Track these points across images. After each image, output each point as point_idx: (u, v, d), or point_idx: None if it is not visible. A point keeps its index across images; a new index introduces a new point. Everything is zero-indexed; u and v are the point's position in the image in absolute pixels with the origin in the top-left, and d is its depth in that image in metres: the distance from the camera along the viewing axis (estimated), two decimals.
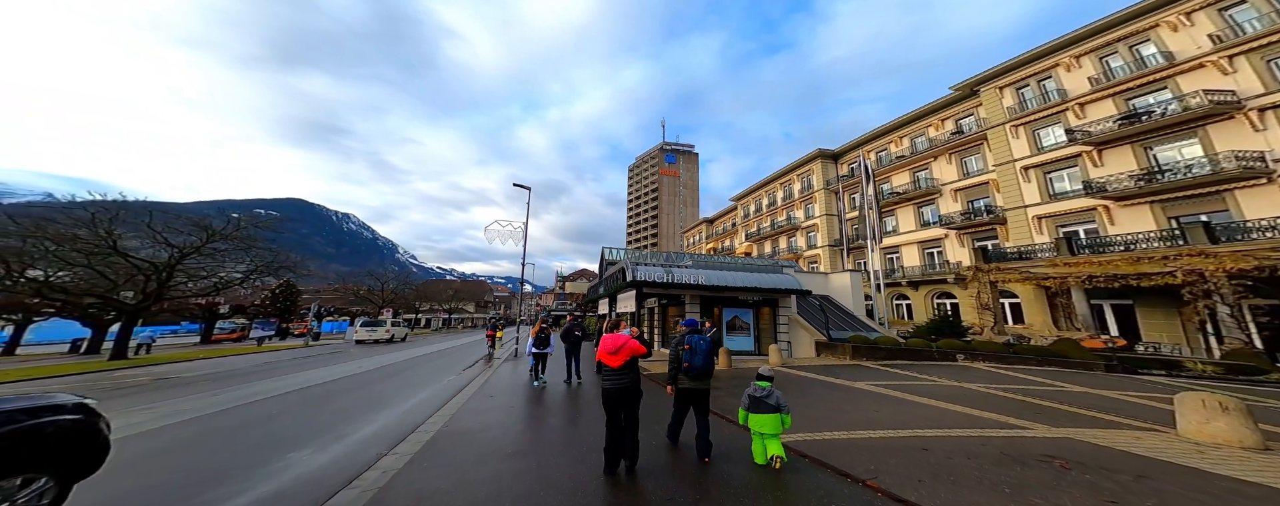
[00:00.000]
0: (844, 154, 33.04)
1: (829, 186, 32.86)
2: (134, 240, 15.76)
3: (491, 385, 8.34)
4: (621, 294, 17.38)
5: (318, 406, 6.73)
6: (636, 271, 13.39)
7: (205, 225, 16.70)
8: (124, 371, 11.64)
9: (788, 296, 14.70)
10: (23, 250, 13.98)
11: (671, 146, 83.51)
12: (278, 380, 9.45)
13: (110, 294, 15.16)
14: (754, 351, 14.36)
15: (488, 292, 74.10)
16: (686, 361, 3.79)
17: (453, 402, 6.66)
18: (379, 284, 43.69)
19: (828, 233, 31.88)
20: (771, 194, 40.48)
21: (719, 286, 13.48)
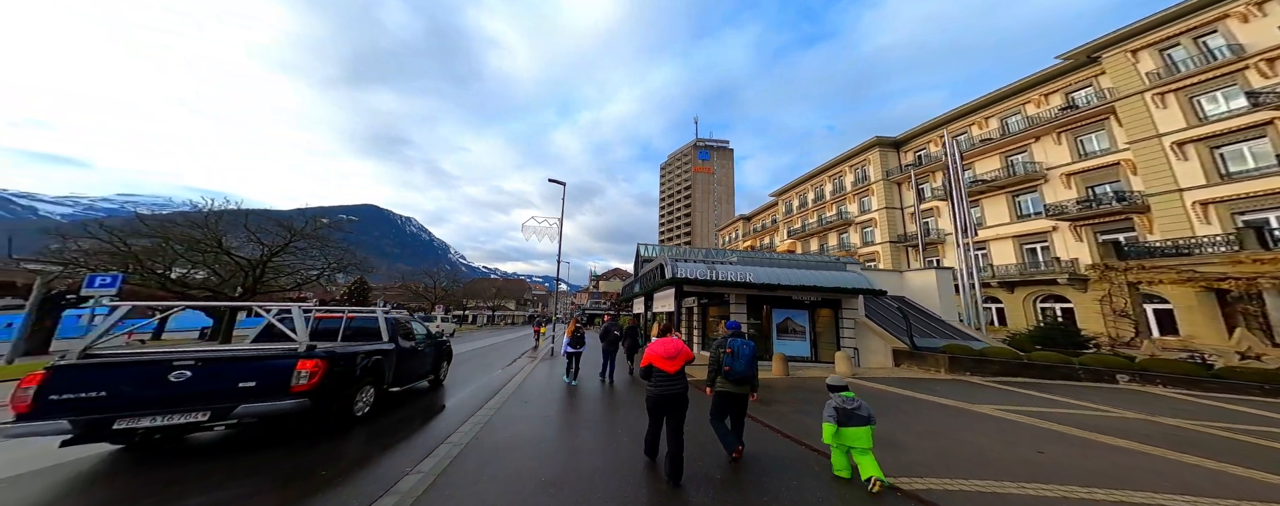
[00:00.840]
0: (907, 141, 29.11)
1: (889, 177, 29.10)
2: (237, 241, 17.83)
3: (527, 388, 7.81)
4: (659, 292, 15.61)
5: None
6: (676, 268, 11.96)
7: (288, 226, 18.35)
8: None
9: (853, 297, 12.56)
10: (157, 250, 16.06)
11: (705, 143, 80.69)
12: None
13: (221, 289, 16.96)
14: (810, 358, 12.41)
15: (527, 291, 76.25)
16: (728, 365, 3.68)
17: (489, 405, 6.14)
18: (433, 282, 46.05)
19: (888, 227, 28.17)
20: (818, 188, 36.94)
21: (771, 284, 11.77)
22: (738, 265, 12.89)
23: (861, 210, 31.12)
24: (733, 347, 3.71)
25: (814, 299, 12.55)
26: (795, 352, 12.23)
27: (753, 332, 12.92)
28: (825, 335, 12.70)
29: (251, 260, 16.82)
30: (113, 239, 14.74)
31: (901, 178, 28.32)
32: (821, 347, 12.57)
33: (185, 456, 3.94)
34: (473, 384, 8.33)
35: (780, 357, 10.15)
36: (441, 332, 26.77)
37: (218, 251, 16.24)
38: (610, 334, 8.65)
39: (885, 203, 28.68)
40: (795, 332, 13.04)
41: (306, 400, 3.96)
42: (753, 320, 13.12)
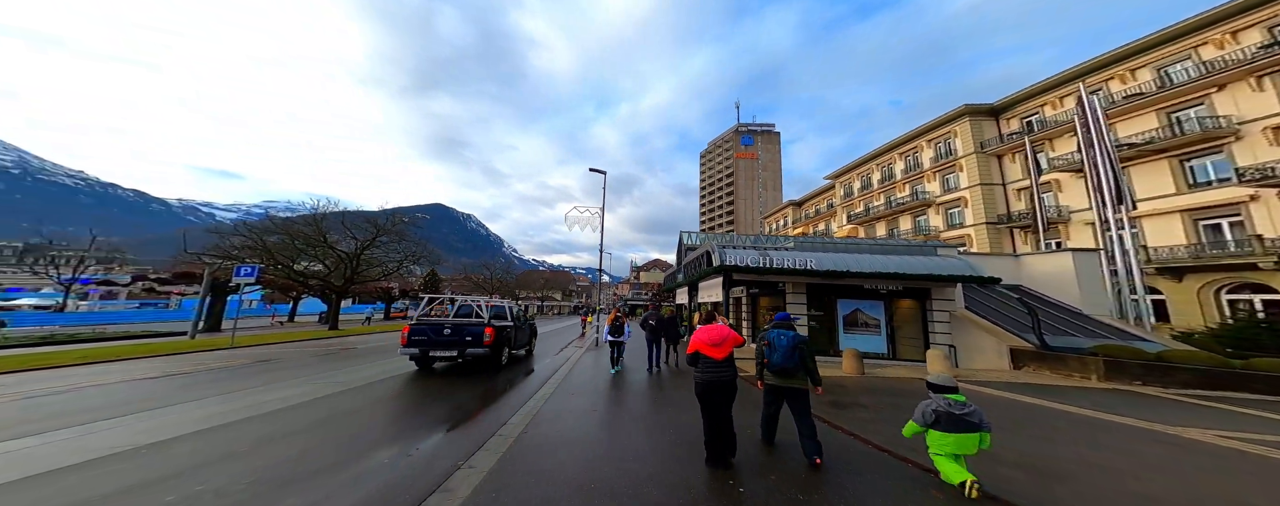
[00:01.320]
0: (1008, 108, 23.83)
1: (984, 149, 24.14)
2: (337, 237, 20.49)
3: (574, 379, 7.51)
4: (705, 281, 13.87)
5: (423, 392, 6.55)
6: (724, 255, 10.76)
7: (374, 222, 20.77)
8: (327, 341, 14.48)
9: (947, 286, 10.31)
10: (284, 246, 18.86)
11: (747, 128, 75.39)
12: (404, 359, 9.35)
13: (330, 279, 19.64)
14: (888, 355, 10.56)
15: (571, 282, 79.51)
16: (766, 357, 3.61)
17: (539, 395, 6.15)
18: (490, 273, 49.68)
19: (984, 207, 23.50)
20: (885, 167, 32.19)
21: (837, 272, 10.01)
22: (795, 251, 11.13)
23: (945, 189, 26.39)
24: (770, 339, 3.62)
25: (892, 288, 10.54)
26: (868, 348, 10.42)
27: (814, 325, 10.88)
28: (906, 329, 10.62)
29: (349, 253, 19.32)
30: (253, 236, 17.73)
31: (1002, 149, 23.30)
32: (901, 343, 10.56)
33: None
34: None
35: (852, 354, 8.46)
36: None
37: (324, 246, 18.92)
38: (648, 323, 8.69)
39: (980, 178, 23.88)
40: (867, 326, 11.07)
41: (489, 349, 7.65)
42: (814, 311, 11.07)
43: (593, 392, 6.32)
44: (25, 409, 4.84)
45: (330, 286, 19.20)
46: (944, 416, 2.73)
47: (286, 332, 16.45)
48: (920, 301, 10.20)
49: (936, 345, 9.49)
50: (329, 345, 12.66)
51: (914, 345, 10.25)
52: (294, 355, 10.15)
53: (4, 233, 62.52)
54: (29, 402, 5.13)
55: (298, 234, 18.82)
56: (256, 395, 5.74)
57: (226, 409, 4.95)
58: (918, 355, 10.04)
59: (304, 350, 11.23)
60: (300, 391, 6.04)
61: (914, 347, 10.21)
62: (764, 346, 3.60)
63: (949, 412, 2.72)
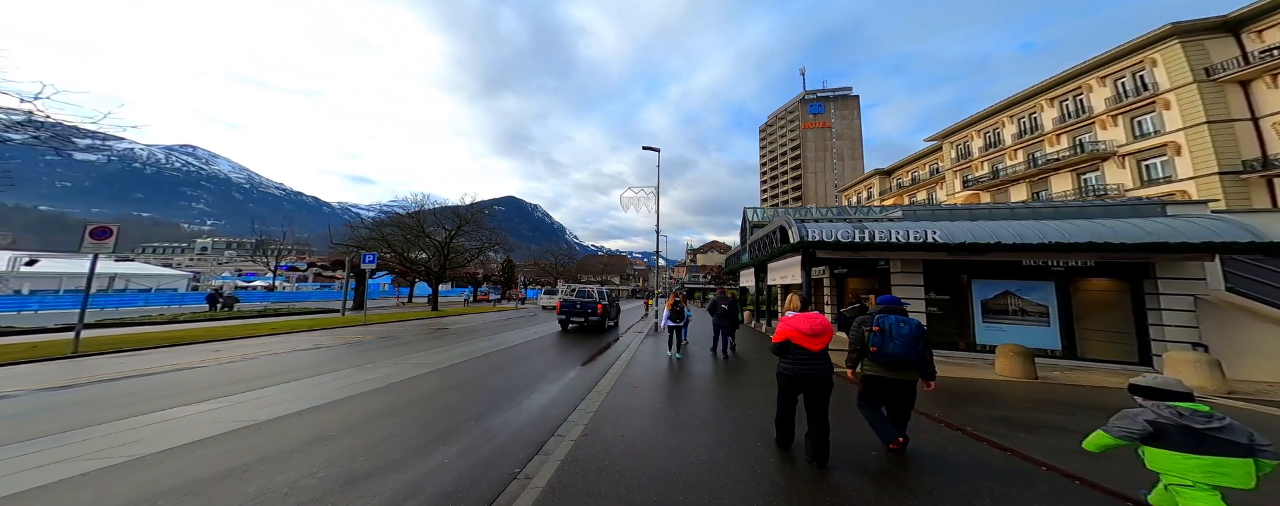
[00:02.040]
0: (1254, 19, 15.83)
1: (1212, 77, 16.59)
2: (432, 227, 23.08)
3: (634, 370, 6.96)
4: (776, 262, 11.95)
5: (496, 372, 6.85)
6: (804, 231, 8.67)
7: (458, 214, 22.93)
8: (431, 320, 16.06)
9: (1186, 260, 6.85)
10: (396, 237, 21.76)
11: (815, 95, 65.23)
12: (489, 339, 10.71)
13: (430, 265, 22.43)
14: (1061, 351, 7.68)
15: (629, 266, 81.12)
16: (875, 345, 3.09)
17: (599, 387, 5.64)
18: (554, 259, 52.53)
19: (1218, 152, 16.47)
20: (1025, 118, 24.72)
21: (983, 245, 7.15)
22: (905, 221, 8.38)
23: (1138, 134, 19.06)
24: (883, 326, 3.10)
25: (1074, 264, 7.44)
26: (1026, 341, 7.59)
27: (935, 311, 8.51)
28: (1096, 319, 7.56)
29: (441, 242, 21.64)
30: (374, 229, 20.97)
31: (1248, 72, 15.63)
32: (1086, 337, 7.59)
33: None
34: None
35: (1016, 351, 6.01)
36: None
37: (423, 236, 21.35)
38: (719, 307, 8.42)
39: (1205, 115, 16.54)
40: (1024, 315, 8.22)
41: (600, 317, 12.51)
42: (934, 295, 8.55)
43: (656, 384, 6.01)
44: (222, 372, 6.07)
45: (430, 271, 21.85)
46: (1174, 429, 1.77)
47: (403, 312, 19.22)
48: (1130, 281, 7.03)
49: (1173, 348, 6.34)
50: (434, 324, 14.19)
51: (1113, 341, 7.19)
52: (409, 333, 11.59)
53: (242, 232, 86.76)
54: (225, 367, 6.45)
55: (404, 226, 21.53)
56: (386, 368, 6.64)
57: (361, 379, 5.81)
58: (1118, 354, 7.06)
59: (415, 328, 12.79)
60: (443, 356, 7.82)
61: (1112, 344, 7.18)
62: (872, 333, 3.11)
63: (1181, 424, 1.76)
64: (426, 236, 21.28)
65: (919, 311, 8.63)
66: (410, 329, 12.71)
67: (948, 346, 8.50)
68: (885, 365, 3.11)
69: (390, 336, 10.70)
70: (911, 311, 8.78)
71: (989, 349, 8.32)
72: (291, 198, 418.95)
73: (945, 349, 8.46)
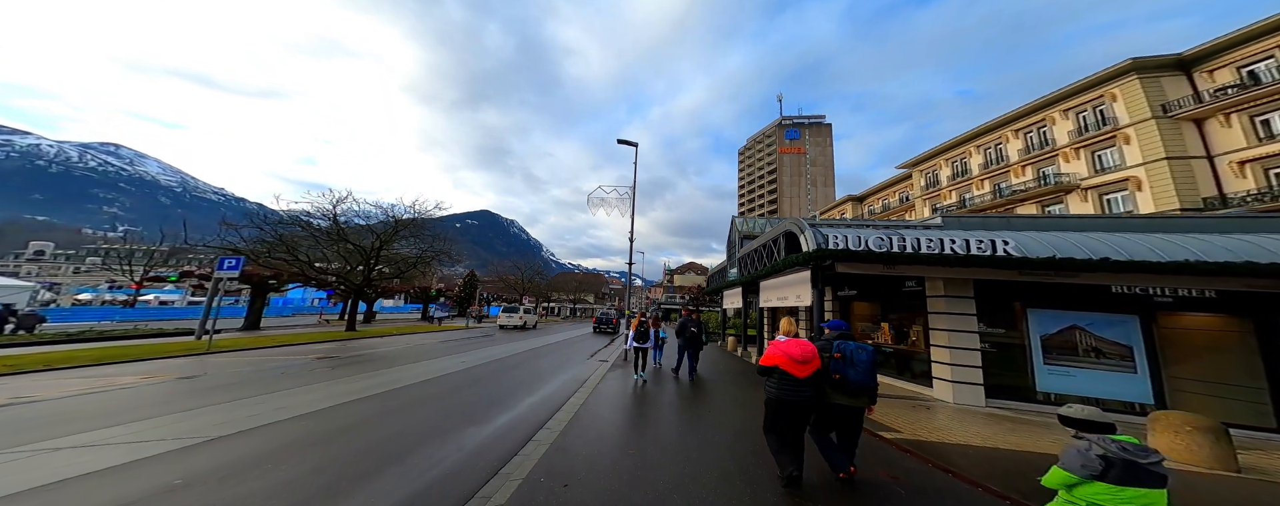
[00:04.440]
0: (1206, 58, 16.90)
1: (1168, 114, 17.24)
2: (357, 233, 19.11)
3: (593, 405, 5.75)
4: (774, 278, 9.80)
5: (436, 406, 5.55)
6: (820, 237, 6.78)
7: (395, 217, 18.97)
8: (333, 345, 12.45)
9: None
10: (303, 240, 17.46)
11: (792, 121, 68.54)
12: (386, 375, 8.20)
13: (348, 277, 18.20)
14: (1155, 404, 5.68)
15: (604, 285, 77.51)
16: (838, 371, 3.07)
17: (550, 426, 4.68)
18: (522, 274, 47.65)
19: (1178, 188, 16.69)
20: (990, 149, 25.49)
21: (1087, 262, 5.54)
22: (949, 230, 6.62)
23: (1098, 168, 19.51)
24: (844, 352, 3.12)
25: (1168, 293, 5.70)
26: (1107, 391, 5.93)
27: (989, 348, 6.50)
28: (1197, 366, 5.72)
29: (364, 248, 17.60)
30: (266, 227, 15.83)
31: (1202, 110, 16.33)
32: (1178, 389, 5.73)
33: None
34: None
35: (1193, 426, 3.87)
36: (525, 323, 25.21)
37: (341, 240, 17.21)
38: (687, 329, 8.46)
39: (1164, 151, 16.98)
40: (1101, 356, 6.28)
41: (614, 327, 23.16)
42: (988, 328, 6.56)
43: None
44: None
45: (350, 284, 17.71)
46: (1119, 462, 1.80)
47: (301, 333, 14.91)
48: (1255, 317, 5.26)
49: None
50: (330, 350, 10.64)
51: (1226, 398, 5.34)
52: (269, 365, 8.06)
53: (169, 239, 74.94)
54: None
55: (311, 228, 17.13)
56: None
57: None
58: (1236, 414, 5.16)
59: (291, 357, 9.18)
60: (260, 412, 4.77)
61: (1225, 402, 5.31)
62: (833, 360, 3.08)
63: (1125, 458, 1.80)
64: (346, 242, 17.24)
65: (970, 348, 6.51)
66: (283, 358, 9.13)
67: (1002, 394, 6.41)
68: (846, 392, 3.08)
69: (219, 373, 7.15)
70: (963, 348, 6.50)
71: (1052, 399, 6.31)
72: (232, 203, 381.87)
73: (999, 398, 6.37)
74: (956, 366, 6.45)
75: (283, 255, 15.84)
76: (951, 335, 6.54)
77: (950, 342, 6.55)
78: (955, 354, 6.49)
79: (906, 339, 8.56)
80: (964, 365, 6.41)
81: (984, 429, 5.06)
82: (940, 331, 6.75)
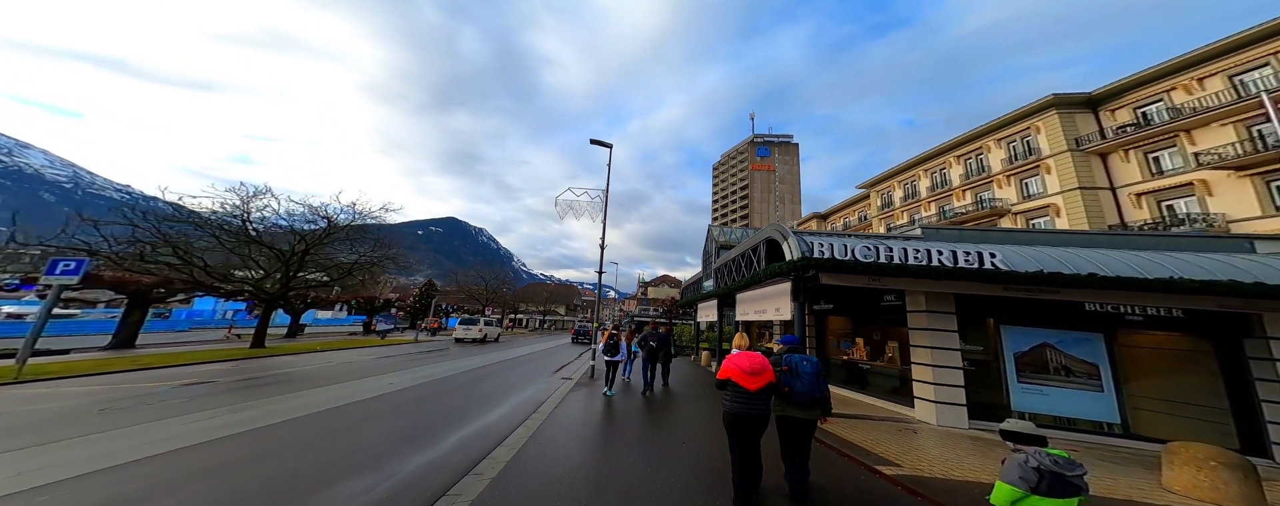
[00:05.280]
0: (1110, 98, 19.46)
1: (1080, 147, 19.50)
2: (274, 235, 16.21)
3: (543, 440, 4.77)
4: (752, 291, 9.32)
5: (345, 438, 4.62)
6: (804, 245, 6.38)
7: (327, 215, 16.29)
8: (249, 362, 10.57)
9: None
10: (182, 240, 13.85)
11: (763, 139, 72.10)
12: (328, 391, 7.06)
13: (261, 284, 15.17)
14: (1122, 428, 5.68)
15: (577, 296, 74.80)
16: (786, 384, 3.18)
17: (480, 470, 3.76)
18: (486, 284, 44.16)
19: (1089, 216, 18.59)
20: (937, 173, 27.66)
21: (1072, 277, 5.38)
22: (931, 241, 6.52)
23: (1024, 195, 21.58)
24: (791, 364, 3.23)
25: (1136, 311, 5.71)
26: (1077, 410, 5.84)
27: (968, 367, 6.26)
28: (1156, 385, 5.74)
29: (282, 250, 14.96)
30: (137, 223, 12.52)
31: (1106, 146, 18.63)
32: (1137, 407, 5.71)
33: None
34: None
35: (1208, 458, 3.57)
36: (485, 335, 23.38)
37: (250, 242, 14.34)
38: (648, 343, 8.39)
39: (1077, 181, 19.08)
40: (1070, 375, 6.20)
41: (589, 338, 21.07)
42: (969, 346, 6.36)
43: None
44: None
45: (261, 293, 14.93)
46: (1050, 475, 1.92)
47: (180, 353, 11.84)
48: (1215, 338, 5.33)
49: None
50: (213, 373, 8.45)
51: (1189, 418, 5.33)
52: (77, 404, 5.94)
53: (53, 240, 61.82)
54: None
55: (206, 225, 13.65)
56: None
57: None
58: (1200, 434, 5.12)
59: (143, 384, 7.04)
60: None
61: (1189, 423, 5.29)
62: (783, 373, 3.19)
63: (1055, 471, 1.93)
64: (257, 243, 14.51)
65: (953, 366, 6.21)
66: (136, 385, 6.86)
67: (980, 415, 6.15)
68: (795, 404, 3.16)
69: (11, 412, 4.99)
70: (946, 366, 5.97)
71: (1026, 418, 6.09)
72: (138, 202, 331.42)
73: (978, 418, 6.10)
74: (940, 386, 6.11)
75: (168, 258, 12.91)
76: (934, 352, 6.22)
77: (933, 360, 6.22)
78: (938, 372, 6.15)
79: (883, 355, 8.29)
80: (947, 384, 6.08)
81: (977, 458, 4.62)
82: (922, 349, 6.42)
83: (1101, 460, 4.58)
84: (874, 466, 4.23)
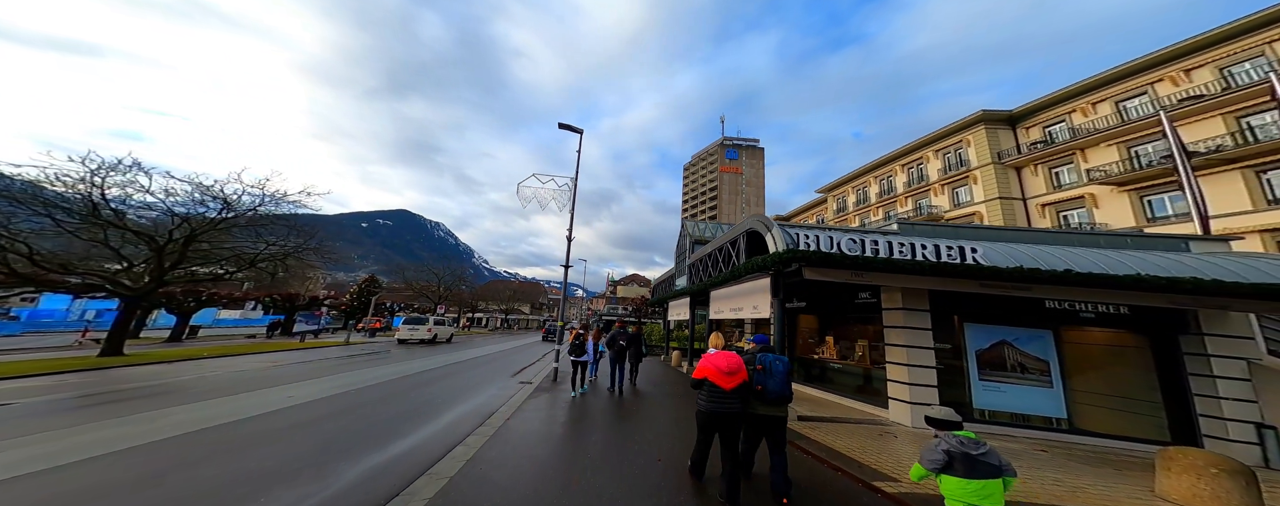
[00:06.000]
0: (1026, 117, 21.97)
1: (1001, 161, 21.80)
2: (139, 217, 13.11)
3: (496, 451, 4.23)
4: (728, 287, 8.91)
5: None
6: (788, 236, 6.07)
7: (222, 196, 13.21)
8: (89, 374, 8.41)
9: (1222, 313, 5.68)
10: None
11: (732, 141, 74.09)
12: (171, 415, 5.21)
13: (119, 278, 12.14)
14: (1066, 423, 5.88)
15: (543, 295, 71.43)
16: (759, 383, 3.25)
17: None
18: (436, 279, 40.01)
19: (1004, 222, 20.80)
20: (885, 180, 29.76)
21: (1049, 273, 5.20)
22: (915, 235, 6.33)
23: (955, 203, 23.80)
24: (764, 364, 3.28)
25: (1088, 312, 5.95)
26: (1030, 406, 5.95)
27: (939, 367, 6.22)
28: (1096, 379, 5.98)
29: (153, 234, 12.13)
30: None
31: (1022, 160, 21.03)
32: (1079, 402, 5.90)
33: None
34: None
35: (1206, 464, 3.54)
36: (434, 336, 21.42)
37: (108, 226, 11.24)
38: (617, 342, 8.25)
39: (998, 192, 21.31)
40: (1025, 372, 6.33)
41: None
42: (942, 345, 6.33)
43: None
44: None
45: (119, 288, 11.67)
46: (959, 457, 2.16)
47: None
48: (1151, 335, 5.64)
49: (1233, 426, 4.80)
50: (25, 389, 6.01)
51: (1126, 412, 5.63)
52: None
53: None
54: None
55: (32, 200, 10.29)
56: None
57: None
58: (1137, 429, 5.42)
59: None
60: None
61: (1126, 417, 5.59)
62: (756, 371, 3.26)
63: (964, 452, 2.15)
64: (116, 227, 11.45)
65: (927, 365, 6.09)
66: None
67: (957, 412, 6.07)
68: (766, 402, 3.23)
69: None
70: (920, 366, 5.62)
71: (987, 416, 6.19)
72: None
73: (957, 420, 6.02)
74: (915, 386, 5.95)
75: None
76: (909, 351, 6.06)
77: (908, 360, 6.05)
78: (913, 372, 5.99)
79: (854, 354, 8.20)
80: (922, 384, 5.94)
81: None
82: (897, 347, 6.25)
83: (1071, 460, 4.55)
84: (871, 482, 3.75)
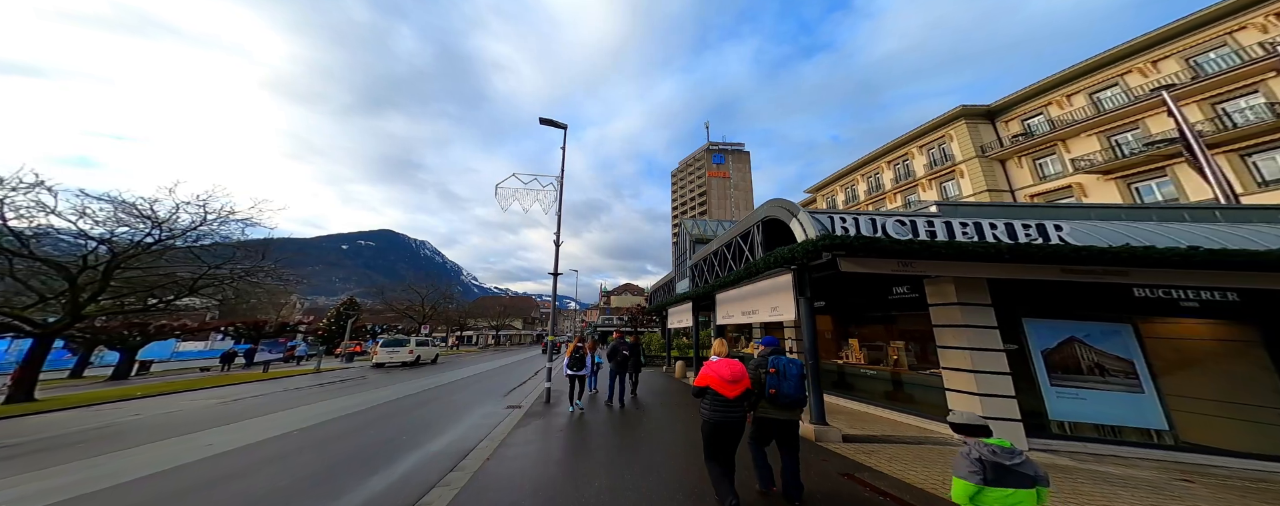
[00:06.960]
0: (1004, 110, 22.33)
1: (985, 154, 21.95)
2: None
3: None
4: (738, 288, 7.86)
5: None
6: (826, 222, 5.02)
7: (150, 215, 11.30)
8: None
9: None
10: None
11: (718, 146, 74.75)
12: (125, 458, 4.29)
13: (26, 314, 10.25)
14: (1174, 437, 4.74)
15: (535, 309, 69.67)
16: (773, 387, 3.21)
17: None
18: (418, 297, 37.78)
19: None
20: (872, 177, 29.83)
21: (1168, 252, 4.20)
22: (956, 215, 5.19)
23: (944, 197, 23.75)
24: (778, 366, 3.26)
25: (1188, 301, 4.99)
26: (1118, 416, 4.86)
27: (1009, 373, 5.17)
28: (1199, 383, 4.91)
29: (64, 264, 10.34)
30: None
31: (1004, 153, 21.20)
32: (1182, 409, 4.84)
33: None
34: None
35: None
36: (417, 358, 20.43)
37: (14, 254, 9.54)
38: (619, 353, 8.07)
39: (986, 184, 21.34)
40: (1105, 375, 5.22)
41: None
42: (1009, 345, 5.34)
43: None
44: None
45: (25, 325, 9.77)
46: (990, 466, 1.97)
47: None
48: (1261, 323, 4.75)
49: None
50: None
51: (1247, 419, 4.70)
52: None
53: None
54: None
55: None
56: None
57: None
58: (1249, 442, 4.50)
59: None
60: None
61: (1249, 427, 4.66)
62: (768, 374, 3.23)
63: (997, 462, 1.97)
64: (20, 256, 9.81)
65: (999, 371, 5.05)
66: None
67: (1030, 432, 5.04)
68: (780, 406, 3.22)
69: None
70: (990, 372, 4.45)
71: (1068, 429, 5.13)
72: None
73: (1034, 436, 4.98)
74: (986, 397, 4.89)
75: None
76: (974, 355, 5.03)
77: (974, 365, 5.00)
78: (982, 380, 4.94)
79: (886, 358, 7.17)
80: (995, 394, 4.88)
81: (1099, 497, 3.26)
82: (956, 350, 5.21)
83: (1243, 494, 3.50)
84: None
